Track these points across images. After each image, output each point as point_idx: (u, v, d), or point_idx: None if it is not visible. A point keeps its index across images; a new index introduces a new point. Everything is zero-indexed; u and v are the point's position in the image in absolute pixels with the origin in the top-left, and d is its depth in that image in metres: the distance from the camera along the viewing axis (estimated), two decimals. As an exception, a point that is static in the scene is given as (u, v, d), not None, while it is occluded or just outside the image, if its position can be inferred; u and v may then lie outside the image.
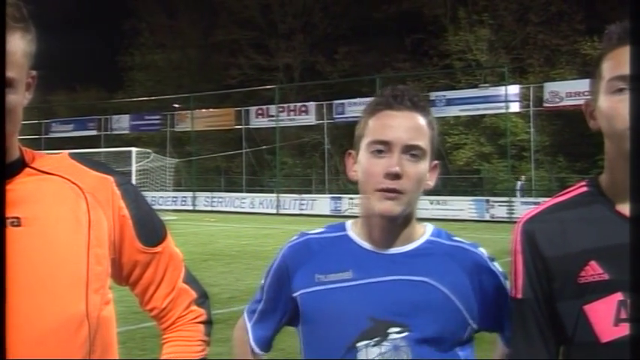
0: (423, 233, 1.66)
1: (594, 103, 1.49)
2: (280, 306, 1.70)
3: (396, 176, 1.53)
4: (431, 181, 1.64)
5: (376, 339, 1.53)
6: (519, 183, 29.79)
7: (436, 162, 1.65)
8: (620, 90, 1.41)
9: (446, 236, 1.67)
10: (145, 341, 6.45)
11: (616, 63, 1.43)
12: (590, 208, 1.50)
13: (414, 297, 1.55)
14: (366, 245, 1.63)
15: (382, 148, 1.56)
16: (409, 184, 1.55)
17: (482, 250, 1.67)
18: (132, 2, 47.83)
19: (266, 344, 1.77)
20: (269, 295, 1.72)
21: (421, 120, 1.59)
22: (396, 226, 1.60)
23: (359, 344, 1.54)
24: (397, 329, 1.53)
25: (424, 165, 1.58)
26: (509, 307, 1.59)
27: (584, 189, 1.55)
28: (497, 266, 1.65)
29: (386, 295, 1.55)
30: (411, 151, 1.56)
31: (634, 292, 1.38)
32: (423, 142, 1.58)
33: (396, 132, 1.56)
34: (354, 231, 1.67)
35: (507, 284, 1.62)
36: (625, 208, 1.46)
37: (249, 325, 1.77)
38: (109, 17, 50.82)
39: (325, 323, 1.58)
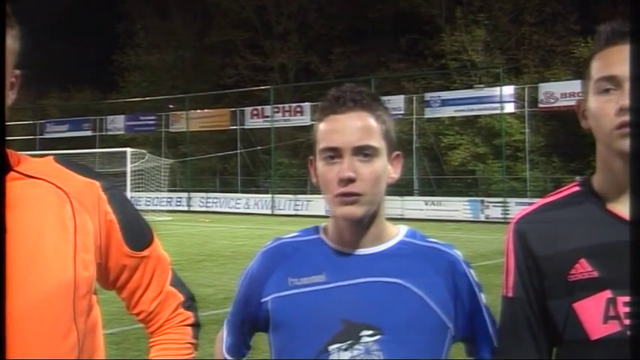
0: (397, 234, 1.63)
1: (585, 103, 1.50)
2: (250, 312, 1.67)
3: (350, 180, 1.51)
4: (395, 174, 1.61)
5: (348, 342, 1.51)
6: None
7: (397, 152, 1.62)
8: (607, 90, 1.42)
9: (420, 237, 1.65)
10: (140, 342, 6.43)
11: (603, 63, 1.44)
12: (581, 207, 1.51)
13: (387, 299, 1.53)
14: (338, 247, 1.61)
15: (332, 154, 1.54)
16: (366, 185, 1.52)
17: (458, 252, 1.64)
18: (126, 3, 47.80)
19: (238, 352, 1.76)
20: (239, 302, 1.71)
21: (368, 118, 1.55)
22: (363, 226, 1.58)
23: (331, 347, 1.51)
24: (370, 332, 1.51)
25: (380, 162, 1.55)
26: (483, 323, 1.60)
27: (576, 189, 1.56)
28: (472, 274, 1.63)
29: (359, 298, 1.53)
30: (363, 151, 1.53)
31: (633, 290, 1.38)
32: (374, 141, 1.54)
33: (343, 136, 1.52)
34: (326, 233, 1.66)
35: (482, 296, 1.62)
36: (615, 207, 1.47)
37: (224, 334, 1.77)
38: (103, 18, 50.72)
39: (298, 327, 1.56)
